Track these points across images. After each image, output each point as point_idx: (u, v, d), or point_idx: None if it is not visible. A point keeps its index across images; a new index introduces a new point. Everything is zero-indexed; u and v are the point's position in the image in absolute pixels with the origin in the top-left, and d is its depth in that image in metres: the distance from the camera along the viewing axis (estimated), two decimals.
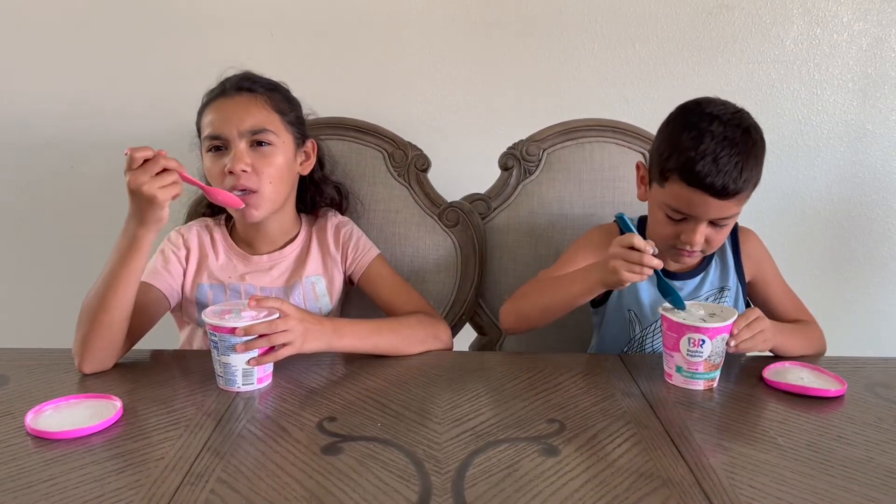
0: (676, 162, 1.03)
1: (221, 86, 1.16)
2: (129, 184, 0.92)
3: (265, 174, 1.12)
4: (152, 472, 0.75)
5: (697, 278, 1.19)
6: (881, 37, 1.60)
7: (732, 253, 1.20)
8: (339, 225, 1.26)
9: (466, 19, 1.60)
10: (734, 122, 1.03)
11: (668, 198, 1.06)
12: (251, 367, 0.94)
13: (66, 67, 1.62)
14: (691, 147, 1.01)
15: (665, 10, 1.59)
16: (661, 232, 1.10)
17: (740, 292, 1.20)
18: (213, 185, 1.13)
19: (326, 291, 1.23)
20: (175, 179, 0.94)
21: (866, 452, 0.82)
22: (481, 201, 1.41)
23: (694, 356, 0.97)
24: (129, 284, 0.99)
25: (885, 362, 1.10)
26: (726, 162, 1.00)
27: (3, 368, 1.02)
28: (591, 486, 0.74)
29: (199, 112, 1.17)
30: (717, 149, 1.00)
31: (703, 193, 1.01)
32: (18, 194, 1.69)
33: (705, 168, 1.00)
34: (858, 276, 1.74)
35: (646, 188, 1.14)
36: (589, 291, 1.06)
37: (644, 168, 1.16)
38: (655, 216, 1.11)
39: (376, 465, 0.77)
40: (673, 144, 1.04)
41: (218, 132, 1.11)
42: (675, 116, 1.09)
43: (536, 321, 1.13)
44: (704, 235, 1.06)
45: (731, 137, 1.01)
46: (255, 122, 1.12)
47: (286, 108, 1.17)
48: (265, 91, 1.15)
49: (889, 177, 1.68)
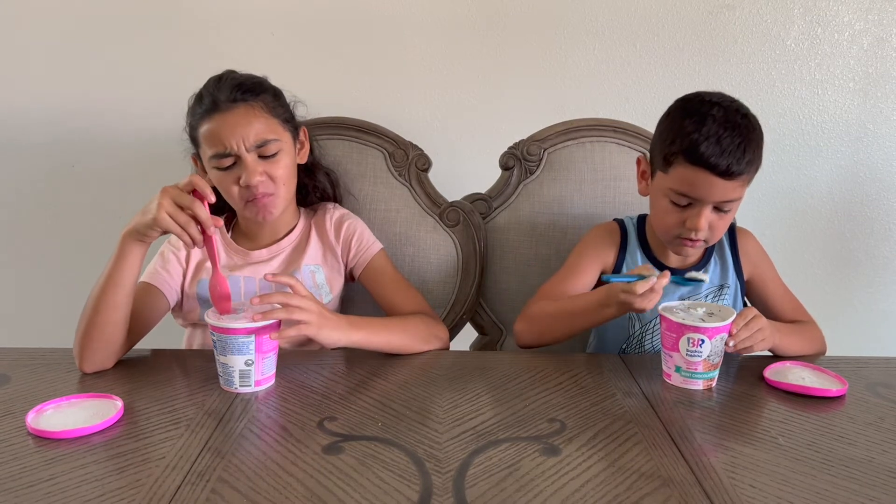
0: (681, 144, 1.04)
1: (211, 98, 1.12)
2: (162, 189, 0.95)
3: (278, 178, 1.14)
4: (153, 472, 0.75)
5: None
6: (882, 36, 1.60)
7: (731, 251, 1.21)
8: (340, 218, 1.27)
9: (467, 19, 1.60)
10: (734, 108, 1.06)
11: (674, 182, 1.06)
12: (250, 369, 0.94)
13: (66, 67, 1.62)
14: (695, 130, 1.03)
15: (666, 10, 1.59)
16: (665, 221, 1.10)
17: (739, 291, 1.21)
18: (227, 196, 1.15)
19: (326, 282, 1.23)
20: (185, 228, 0.94)
21: (867, 452, 0.82)
22: (482, 201, 1.41)
23: (693, 356, 0.97)
24: (121, 287, 1.00)
25: (886, 362, 1.10)
26: (729, 143, 1.02)
27: (4, 368, 1.02)
28: (591, 485, 0.74)
29: (193, 125, 1.15)
30: (720, 130, 1.02)
31: (709, 173, 1.02)
32: (18, 194, 1.69)
33: (710, 148, 1.02)
34: (859, 275, 1.74)
35: (647, 183, 1.15)
36: (606, 320, 1.09)
37: (645, 162, 1.17)
38: (659, 205, 1.11)
39: (377, 464, 0.77)
40: (676, 129, 1.06)
41: (225, 150, 1.10)
42: (676, 106, 1.11)
43: (553, 343, 1.16)
44: (709, 221, 1.07)
45: (732, 120, 1.04)
46: (259, 134, 1.11)
47: (278, 108, 1.17)
48: (257, 97, 1.14)
49: (890, 176, 1.68)
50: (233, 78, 1.15)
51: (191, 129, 1.16)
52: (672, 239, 1.11)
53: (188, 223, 0.95)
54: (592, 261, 1.21)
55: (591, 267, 1.20)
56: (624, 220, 1.25)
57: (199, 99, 1.14)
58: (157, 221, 0.94)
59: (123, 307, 1.01)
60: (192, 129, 1.15)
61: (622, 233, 1.23)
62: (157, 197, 0.95)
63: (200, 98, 1.14)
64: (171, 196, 0.95)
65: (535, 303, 1.18)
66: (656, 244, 1.21)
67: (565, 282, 1.20)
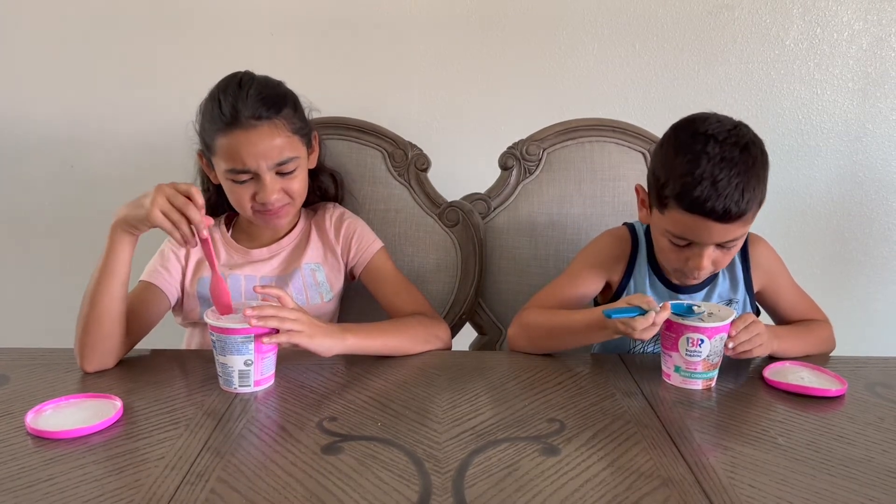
0: (673, 189, 0.98)
1: (233, 110, 1.07)
2: (157, 186, 0.95)
3: (294, 192, 1.14)
4: (152, 472, 0.75)
5: (704, 291, 1.16)
6: (881, 36, 1.60)
7: (742, 264, 1.15)
8: (340, 217, 1.26)
9: (467, 19, 1.60)
10: (731, 141, 0.97)
11: (670, 225, 1.01)
12: (249, 369, 0.94)
13: (66, 67, 1.62)
14: (687, 172, 0.96)
15: (665, 10, 1.59)
16: (667, 257, 1.08)
17: (748, 303, 1.17)
18: (237, 205, 1.14)
19: (327, 280, 1.23)
20: (177, 226, 0.94)
21: (866, 452, 0.82)
22: (481, 201, 1.41)
23: (692, 356, 0.97)
24: (115, 277, 1.00)
25: (886, 362, 1.10)
26: (726, 185, 0.94)
27: (4, 368, 1.02)
28: (591, 485, 0.74)
29: (209, 132, 1.11)
30: (715, 171, 0.95)
31: (705, 219, 0.96)
32: (18, 194, 1.69)
33: (704, 193, 0.95)
34: (858, 275, 1.74)
35: (647, 211, 1.09)
36: (600, 341, 1.09)
37: (643, 192, 1.11)
38: (660, 243, 1.07)
39: (376, 464, 0.77)
40: (668, 169, 0.99)
41: (245, 167, 1.09)
42: (669, 138, 1.04)
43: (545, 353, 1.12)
44: (711, 259, 1.02)
45: (728, 158, 0.96)
46: (281, 153, 1.10)
47: (297, 121, 1.14)
48: (279, 113, 1.10)
49: (889, 177, 1.68)
50: (255, 88, 1.10)
51: (204, 132, 1.13)
52: (676, 271, 1.09)
53: (180, 221, 0.95)
54: (599, 273, 1.15)
55: (596, 278, 1.15)
56: (634, 225, 1.19)
57: (217, 104, 1.09)
58: (149, 216, 0.94)
59: (119, 299, 1.02)
60: (207, 133, 1.12)
61: (633, 241, 1.17)
62: (151, 192, 0.95)
63: (219, 104, 1.09)
64: (165, 194, 0.94)
65: (531, 309, 1.14)
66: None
67: (566, 289, 1.15)
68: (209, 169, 1.18)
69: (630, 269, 1.15)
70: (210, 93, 1.13)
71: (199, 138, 1.16)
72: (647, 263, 1.16)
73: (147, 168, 1.64)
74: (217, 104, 1.09)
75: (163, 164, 1.62)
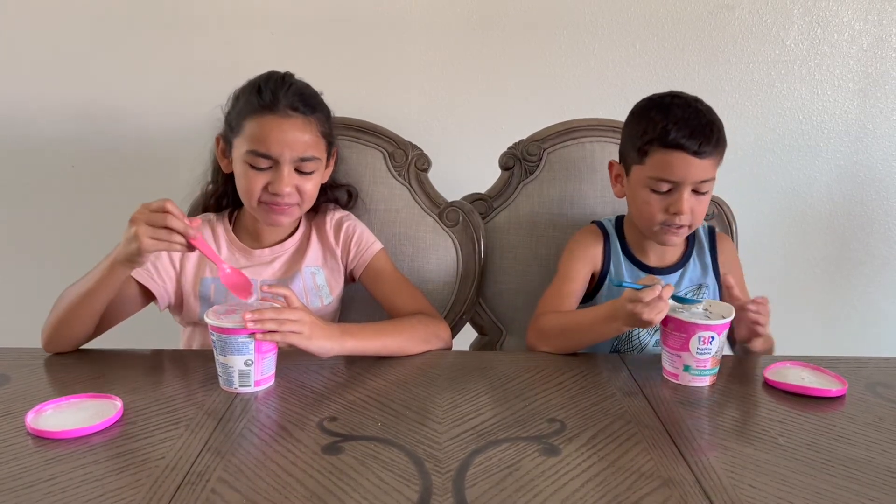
0: (653, 133, 1.11)
1: (273, 96, 1.10)
2: (131, 218, 0.96)
3: (305, 193, 1.14)
4: (153, 472, 0.75)
5: (677, 274, 1.24)
6: (882, 36, 1.60)
7: (710, 253, 1.26)
8: (339, 220, 1.26)
9: (467, 19, 1.60)
10: (691, 98, 1.15)
11: (652, 170, 1.12)
12: (249, 369, 0.94)
13: (67, 67, 1.62)
14: (663, 118, 1.11)
15: (666, 10, 1.59)
16: (648, 211, 1.14)
17: (717, 292, 1.24)
18: (245, 191, 1.14)
19: (326, 283, 1.23)
20: (170, 241, 0.96)
21: (867, 452, 0.82)
22: (482, 201, 1.41)
23: (703, 353, 0.98)
24: (100, 300, 1.04)
25: (886, 362, 1.10)
26: (696, 124, 1.10)
27: (4, 368, 1.02)
28: (591, 485, 0.74)
29: (241, 113, 1.12)
30: (687, 114, 1.11)
31: (683, 153, 1.09)
32: (18, 194, 1.69)
33: (681, 131, 1.09)
34: (858, 275, 1.74)
35: (621, 185, 1.22)
36: (615, 334, 1.11)
37: (618, 165, 1.23)
38: (640, 197, 1.15)
39: (377, 464, 0.77)
40: (646, 122, 1.14)
41: (268, 153, 1.10)
42: (638, 107, 1.19)
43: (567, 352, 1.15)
44: (689, 205, 1.12)
45: (694, 106, 1.13)
46: (307, 149, 1.12)
47: (328, 129, 1.17)
48: (314, 112, 1.14)
49: (889, 176, 1.68)
50: (296, 85, 1.14)
51: (235, 114, 1.14)
52: (657, 228, 1.15)
53: (170, 235, 0.96)
54: (583, 263, 1.24)
55: (582, 269, 1.24)
56: (602, 221, 1.29)
57: (256, 90, 1.12)
58: (143, 249, 0.95)
59: (99, 312, 1.06)
60: (238, 115, 1.13)
61: (604, 234, 1.26)
62: (131, 226, 0.96)
63: (258, 90, 1.11)
64: (144, 221, 0.95)
65: (543, 316, 1.18)
66: (635, 243, 1.25)
67: (564, 287, 1.22)
68: (223, 156, 1.18)
69: (607, 257, 1.25)
70: (249, 82, 1.16)
71: (223, 121, 1.17)
72: (621, 251, 1.25)
73: (147, 168, 1.63)
74: (256, 90, 1.12)
75: (163, 165, 1.63)
